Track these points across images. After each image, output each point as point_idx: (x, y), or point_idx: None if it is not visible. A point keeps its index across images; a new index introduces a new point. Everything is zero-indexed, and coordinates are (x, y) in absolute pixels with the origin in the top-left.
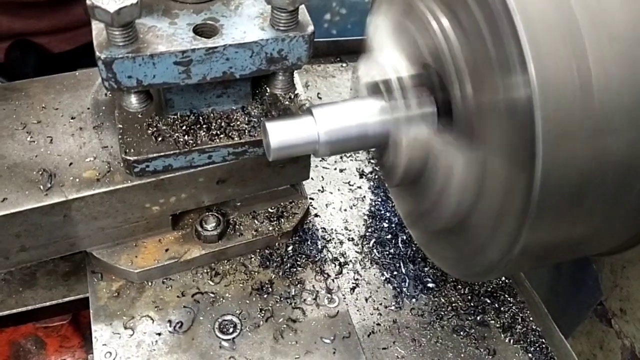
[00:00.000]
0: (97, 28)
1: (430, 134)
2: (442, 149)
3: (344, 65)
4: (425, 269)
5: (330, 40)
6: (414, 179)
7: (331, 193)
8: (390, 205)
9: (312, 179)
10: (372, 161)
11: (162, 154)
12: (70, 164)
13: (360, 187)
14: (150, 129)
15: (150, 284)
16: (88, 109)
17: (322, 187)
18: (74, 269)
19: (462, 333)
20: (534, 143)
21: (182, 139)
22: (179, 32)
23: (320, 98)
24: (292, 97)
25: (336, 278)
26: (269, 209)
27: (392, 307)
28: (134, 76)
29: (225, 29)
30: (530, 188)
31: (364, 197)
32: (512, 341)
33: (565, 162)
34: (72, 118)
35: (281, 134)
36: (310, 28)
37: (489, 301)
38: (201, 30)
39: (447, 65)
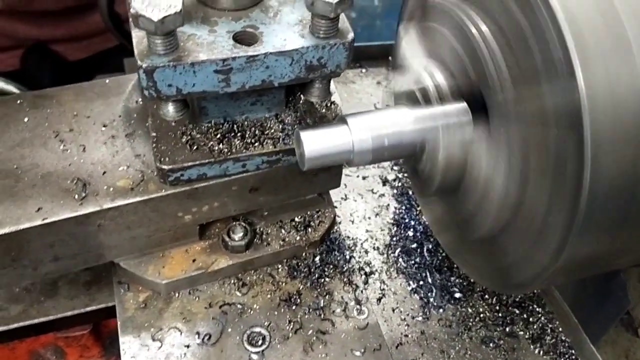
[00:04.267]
0: (137, 36)
1: (469, 143)
2: (481, 159)
3: (364, 71)
4: (452, 278)
5: None
6: (450, 189)
7: (355, 201)
8: (415, 213)
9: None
10: (394, 168)
11: (197, 162)
12: (104, 172)
13: (383, 195)
14: (184, 137)
15: (177, 294)
16: (119, 116)
17: (345, 195)
18: (95, 278)
19: (491, 344)
20: (581, 153)
21: (216, 148)
22: (219, 40)
23: None
24: (329, 105)
25: (363, 288)
26: (296, 218)
27: (420, 318)
28: (174, 85)
29: (265, 36)
30: (576, 201)
31: (388, 205)
32: (541, 352)
33: (615, 173)
34: (104, 126)
35: (316, 143)
36: (351, 35)
37: (517, 312)
38: (241, 38)
39: (488, 72)
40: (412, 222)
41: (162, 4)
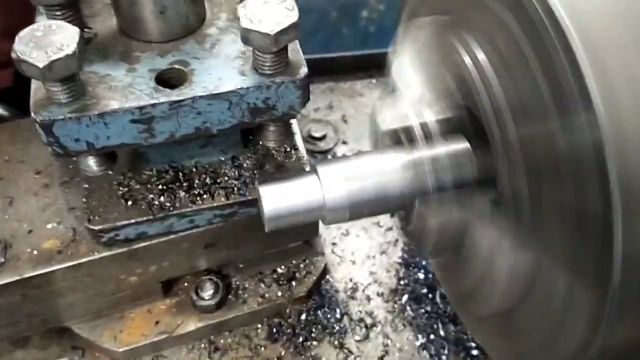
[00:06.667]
0: (37, 82)
1: (466, 194)
2: (482, 215)
3: (374, 82)
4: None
5: (357, 54)
6: (448, 251)
7: (357, 237)
8: None
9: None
10: None
11: (132, 220)
12: (30, 231)
13: (391, 229)
14: (120, 189)
15: None
16: (57, 160)
17: (347, 230)
18: None
19: None
20: (609, 210)
21: (157, 202)
22: (138, 81)
23: (345, 121)
24: (289, 150)
25: (361, 342)
26: (278, 269)
27: None
28: (83, 139)
29: (196, 75)
30: (606, 275)
31: (397, 240)
32: None
33: None
34: (38, 173)
35: (278, 200)
36: (303, 70)
37: None
38: (168, 77)
39: (483, 106)
40: (423, 262)
41: (52, 45)
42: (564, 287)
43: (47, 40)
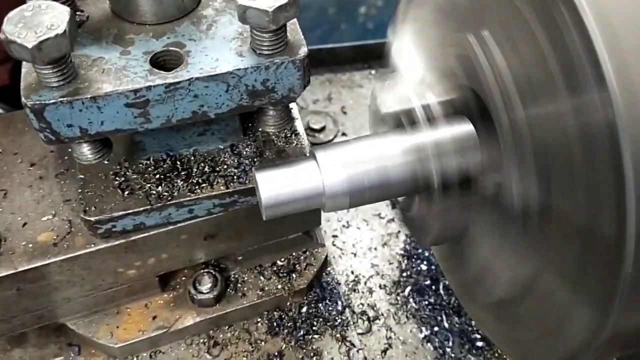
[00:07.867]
0: (27, 65)
1: (470, 182)
2: (484, 206)
3: (373, 72)
4: (474, 322)
5: (356, 45)
6: (452, 238)
7: (358, 228)
8: None
9: (334, 211)
10: None
11: (130, 211)
12: (25, 224)
13: (393, 220)
14: (117, 178)
15: (136, 358)
16: (52, 151)
17: (347, 222)
18: None
19: None
20: (622, 191)
21: (154, 191)
22: (131, 64)
23: (345, 113)
24: (289, 135)
25: (364, 335)
26: (278, 262)
27: None
28: (76, 124)
29: (193, 56)
30: (619, 257)
31: (398, 232)
32: None
33: None
34: (32, 165)
35: (275, 186)
36: (303, 50)
37: None
38: (163, 60)
39: (488, 86)
40: (426, 253)
41: (41, 25)
42: (573, 273)
43: (37, 20)
